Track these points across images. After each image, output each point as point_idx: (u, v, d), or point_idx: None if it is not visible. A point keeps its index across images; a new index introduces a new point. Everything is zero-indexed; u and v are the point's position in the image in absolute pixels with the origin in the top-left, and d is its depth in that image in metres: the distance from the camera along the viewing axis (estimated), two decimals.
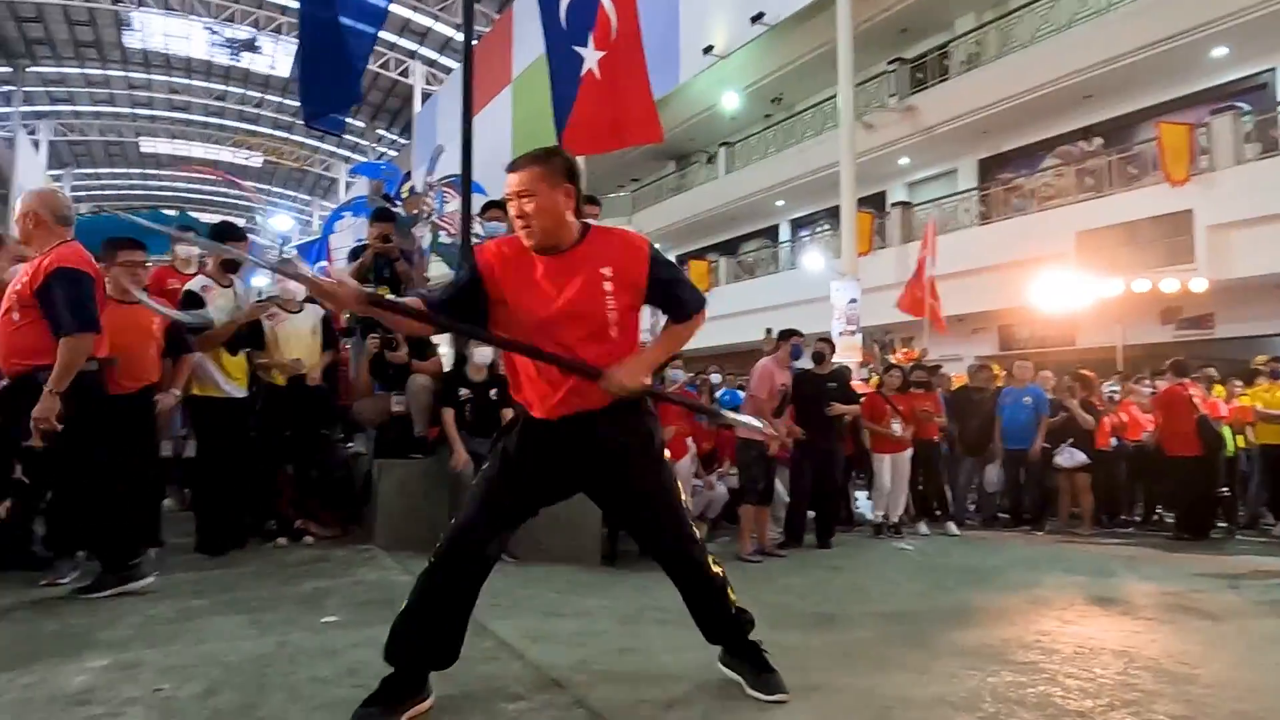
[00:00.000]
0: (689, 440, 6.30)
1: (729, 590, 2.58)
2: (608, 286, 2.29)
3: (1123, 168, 14.00)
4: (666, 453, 2.58)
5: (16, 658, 2.73)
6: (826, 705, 2.52)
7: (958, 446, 8.33)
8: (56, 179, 37.00)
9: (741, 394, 6.76)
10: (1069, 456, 7.99)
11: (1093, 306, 12.64)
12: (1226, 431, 8.24)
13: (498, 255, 2.34)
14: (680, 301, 2.47)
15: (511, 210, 2.30)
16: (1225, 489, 8.23)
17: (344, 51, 5.95)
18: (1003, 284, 14.10)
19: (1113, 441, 8.40)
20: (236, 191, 45.32)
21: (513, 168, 2.31)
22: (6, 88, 30.23)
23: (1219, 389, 8.59)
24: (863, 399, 7.34)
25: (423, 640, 2.31)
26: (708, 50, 19.15)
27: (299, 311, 5.19)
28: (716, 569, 2.55)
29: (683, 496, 2.55)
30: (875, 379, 9.33)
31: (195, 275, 4.97)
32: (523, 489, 2.40)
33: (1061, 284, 12.71)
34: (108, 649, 2.84)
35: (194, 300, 4.54)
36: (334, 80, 5.94)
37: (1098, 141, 15.53)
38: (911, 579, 5.13)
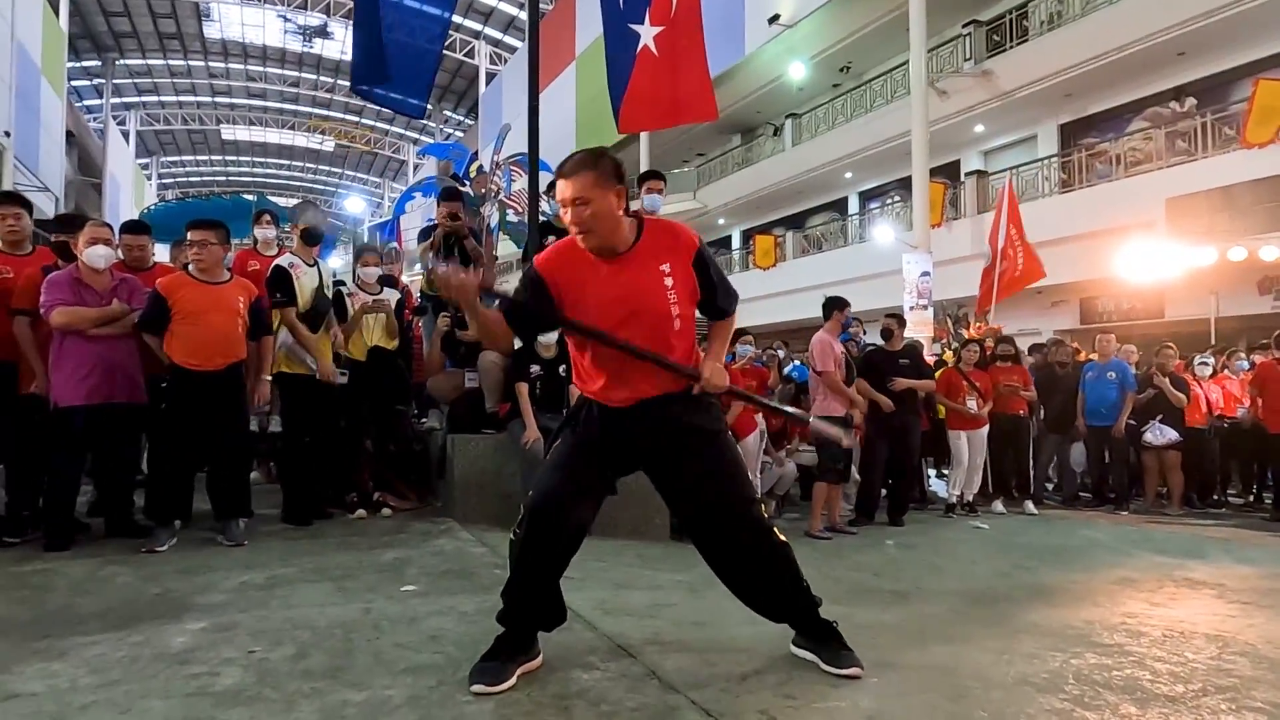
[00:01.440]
0: (758, 417, 6.25)
1: (800, 576, 2.55)
2: (668, 283, 2.35)
3: (1218, 129, 13.20)
4: (730, 432, 2.61)
5: (123, 620, 2.91)
6: (902, 683, 2.49)
7: (1040, 424, 8.06)
8: (144, 167, 38.76)
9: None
10: (1159, 433, 7.66)
11: (1183, 276, 12.02)
12: None
13: (556, 264, 2.39)
14: (721, 302, 2.54)
15: (567, 217, 2.32)
16: None
17: (413, 33, 6.02)
18: (1085, 254, 13.51)
19: (1207, 418, 8.01)
20: (311, 176, 46.66)
21: (563, 174, 2.33)
22: (97, 80, 31.66)
23: None
24: (938, 375, 7.16)
25: (524, 605, 2.45)
26: (774, 20, 18.76)
27: (379, 294, 5.33)
28: (783, 536, 2.54)
29: (749, 474, 2.56)
30: (949, 353, 9.08)
31: (278, 255, 5.14)
32: (593, 465, 2.48)
33: (1150, 253, 12.12)
34: (205, 612, 2.99)
35: (282, 276, 4.69)
36: (407, 60, 6.01)
37: (1190, 102, 14.66)
38: (988, 558, 5.02)
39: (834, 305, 6.14)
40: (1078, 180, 15.49)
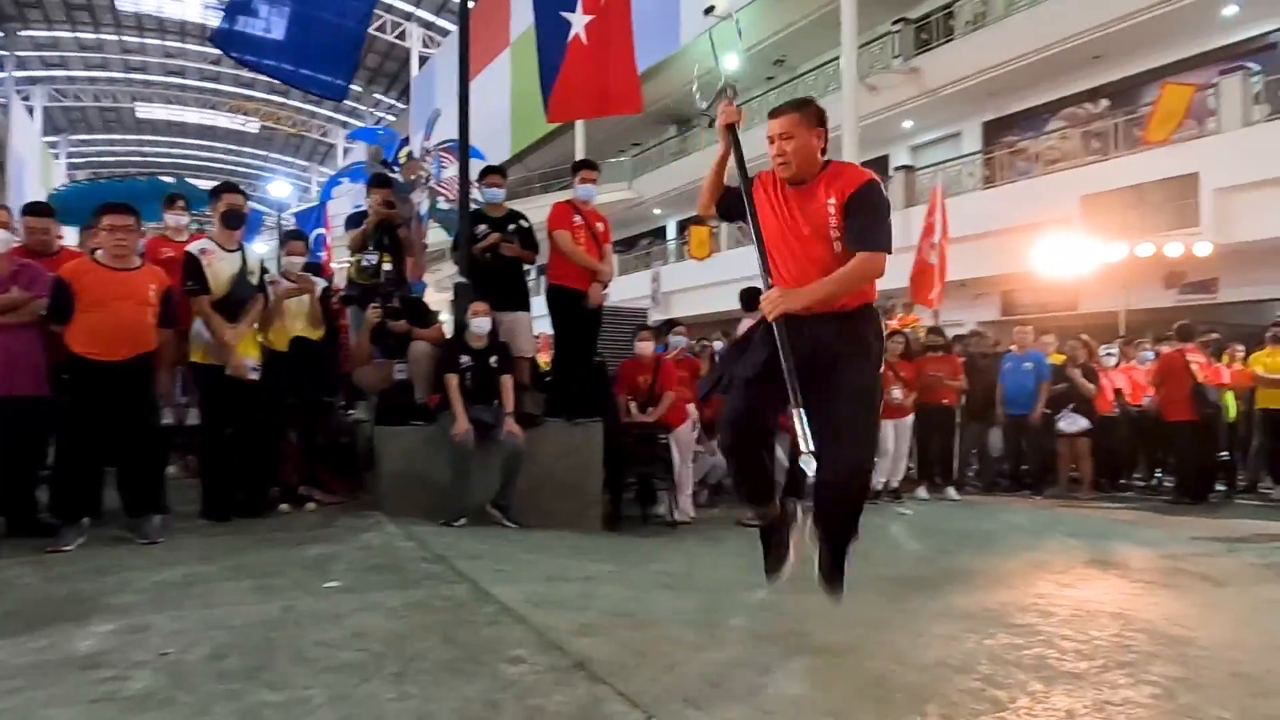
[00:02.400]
0: (690, 407, 6.30)
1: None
2: (831, 213, 2.72)
3: (1129, 130, 13.82)
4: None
5: (27, 623, 2.77)
6: (826, 668, 2.55)
7: (962, 412, 8.34)
8: (52, 145, 36.72)
9: None
10: (1070, 421, 8.02)
11: (1096, 271, 12.56)
12: (1229, 397, 8.23)
13: (765, 181, 2.91)
14: (860, 234, 2.70)
15: (771, 150, 2.76)
16: (1225, 454, 8.26)
17: (343, 12, 5.83)
18: (1006, 249, 14.00)
19: (1114, 407, 8.41)
20: (234, 159, 45.00)
21: (774, 114, 2.81)
22: None
23: (1226, 357, 8.56)
24: None
25: (751, 493, 2.98)
26: (709, 11, 18.84)
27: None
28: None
29: (880, 412, 3.14)
30: None
31: (188, 241, 4.93)
32: (773, 371, 2.72)
33: (1065, 248, 12.63)
34: (116, 614, 2.87)
35: (192, 263, 4.49)
36: (331, 40, 5.82)
37: (1104, 103, 15.33)
38: (912, 543, 5.18)
39: (758, 296, 6.22)
40: (1000, 177, 16.03)
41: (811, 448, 2.60)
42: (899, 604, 3.49)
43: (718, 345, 7.45)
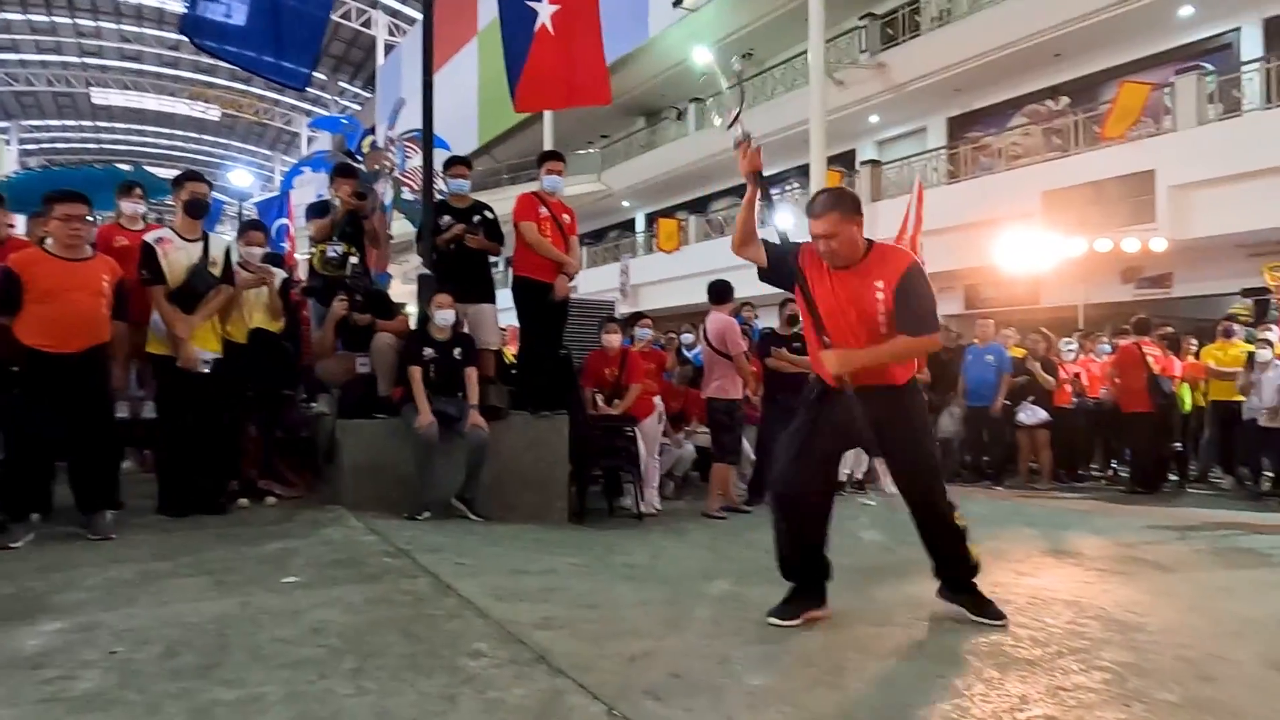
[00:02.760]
0: (656, 399, 6.31)
1: (968, 539, 3.04)
2: (879, 295, 2.86)
3: (1089, 127, 14.07)
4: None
5: None
6: (786, 658, 2.57)
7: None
8: (2, 131, 35.64)
9: None
10: (1030, 414, 8.17)
11: (1057, 266, 12.79)
12: (1184, 389, 8.44)
13: (810, 258, 2.95)
14: (911, 318, 2.88)
15: (820, 248, 2.87)
16: (1178, 444, 8.47)
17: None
18: (969, 243, 14.18)
19: (1073, 399, 8.59)
20: (194, 147, 44.06)
21: (814, 215, 2.86)
22: None
23: (1187, 353, 8.76)
24: None
25: (797, 564, 3.01)
26: (677, 3, 18.82)
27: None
28: (960, 521, 3.03)
29: (936, 457, 3.16)
30: None
31: (144, 231, 4.80)
32: (826, 438, 2.97)
33: (1027, 243, 12.83)
34: (64, 612, 2.80)
35: (147, 253, 4.38)
36: (294, 27, 5.69)
37: (1065, 101, 15.58)
38: (874, 534, 5.23)
39: (728, 289, 6.24)
40: (964, 172, 16.23)
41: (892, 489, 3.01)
42: (860, 594, 3.52)
43: (685, 338, 7.46)
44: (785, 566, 3.02)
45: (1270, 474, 7.94)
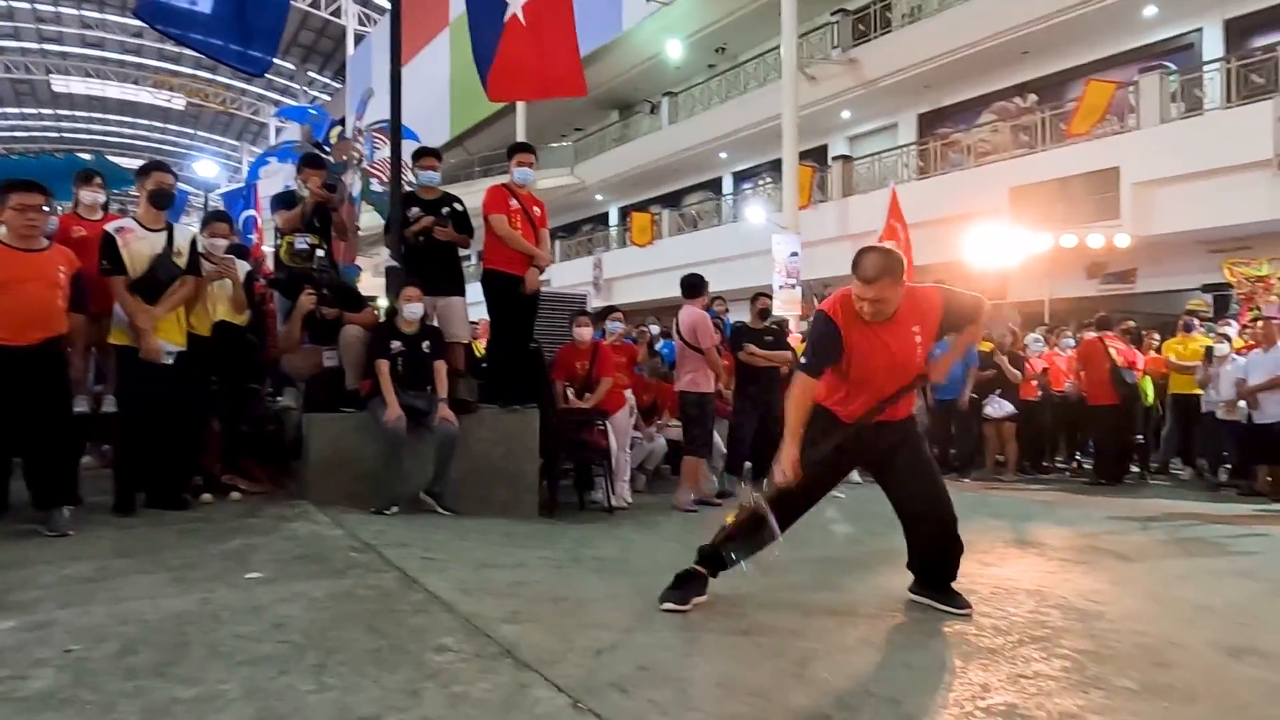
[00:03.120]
0: (627, 393, 6.31)
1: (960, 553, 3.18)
2: (917, 339, 3.03)
3: (1056, 124, 14.26)
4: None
5: None
6: (754, 649, 2.59)
7: None
8: None
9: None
10: (997, 406, 8.28)
11: (1024, 261, 12.96)
12: (1146, 382, 8.60)
13: (844, 317, 3.02)
14: (968, 311, 3.16)
15: (866, 308, 2.95)
16: (1140, 436, 8.63)
17: None
18: (939, 238, 14.32)
19: (1038, 392, 8.72)
20: (159, 136, 43.22)
21: (865, 279, 2.92)
22: None
23: (1150, 345, 8.92)
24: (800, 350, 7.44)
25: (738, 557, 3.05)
26: None
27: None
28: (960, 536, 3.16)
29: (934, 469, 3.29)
30: None
31: (103, 221, 4.69)
32: (838, 469, 3.23)
33: (995, 239, 12.99)
34: (17, 610, 2.73)
35: (107, 243, 4.27)
36: (256, 14, 5.58)
37: (1033, 98, 15.78)
38: (843, 525, 5.27)
39: (701, 283, 6.26)
40: (934, 168, 16.39)
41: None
42: (828, 585, 3.56)
43: (654, 329, 7.46)
44: (725, 554, 3.07)
45: (1228, 465, 8.12)
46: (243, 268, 5.13)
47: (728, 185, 23.07)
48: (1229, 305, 11.32)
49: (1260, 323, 7.96)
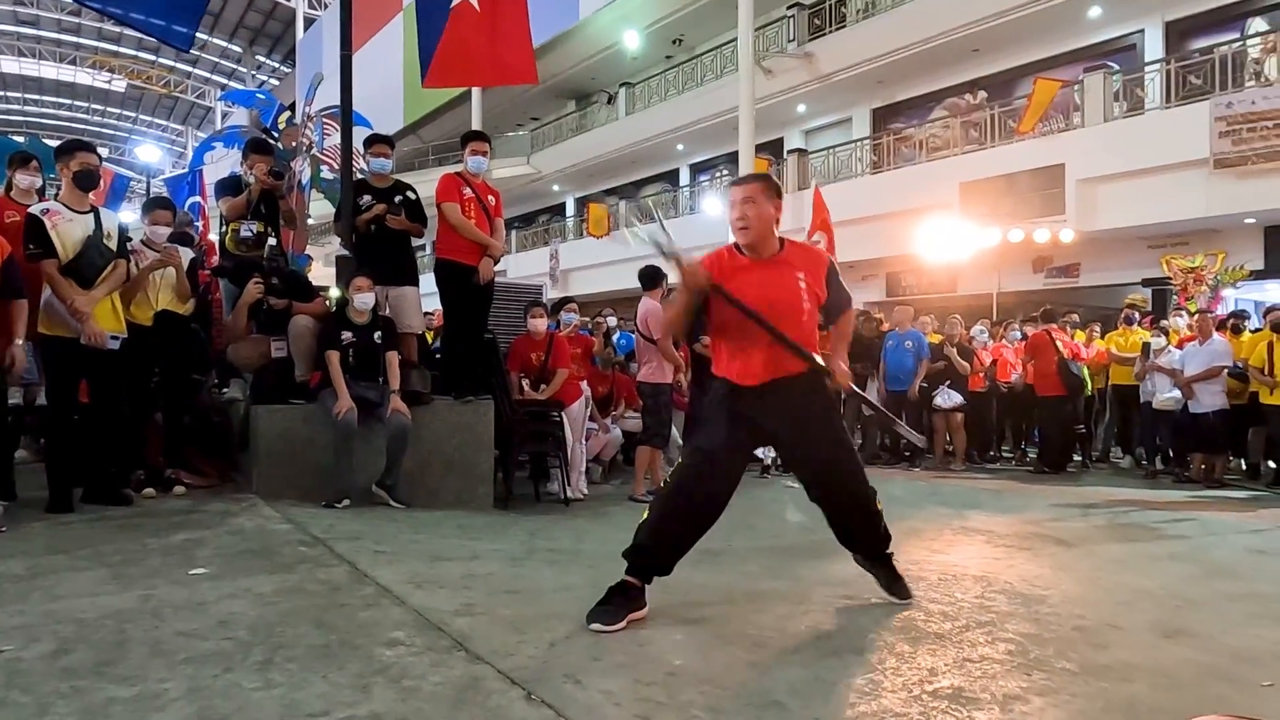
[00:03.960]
0: (583, 384, 6.29)
1: (882, 517, 3.07)
2: (801, 285, 2.89)
3: (1004, 121, 14.57)
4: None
5: None
6: (707, 638, 2.60)
7: None
8: None
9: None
10: (946, 397, 8.45)
11: (973, 255, 13.24)
12: (1085, 372, 8.86)
13: (715, 263, 2.89)
14: (843, 299, 3.08)
15: (734, 214, 2.86)
16: (1081, 426, 8.90)
17: None
18: (891, 232, 14.56)
19: (985, 383, 8.93)
20: (98, 119, 41.73)
21: (737, 184, 2.92)
22: None
23: (1079, 334, 9.19)
24: None
25: (655, 555, 2.82)
26: None
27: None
28: (879, 505, 3.06)
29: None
30: None
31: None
32: (736, 440, 2.89)
33: (945, 233, 13.24)
34: None
35: (34, 225, 4.11)
36: None
37: (982, 95, 16.09)
38: (796, 515, 5.33)
39: (657, 277, 6.26)
40: (887, 163, 16.62)
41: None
42: (780, 573, 3.59)
43: (610, 321, 7.45)
44: (644, 555, 2.79)
45: (1167, 454, 8.41)
46: (186, 255, 4.98)
47: (684, 177, 23.10)
48: (1168, 300, 11.71)
49: (1197, 316, 8.25)
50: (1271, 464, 7.78)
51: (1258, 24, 13.18)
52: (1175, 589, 3.54)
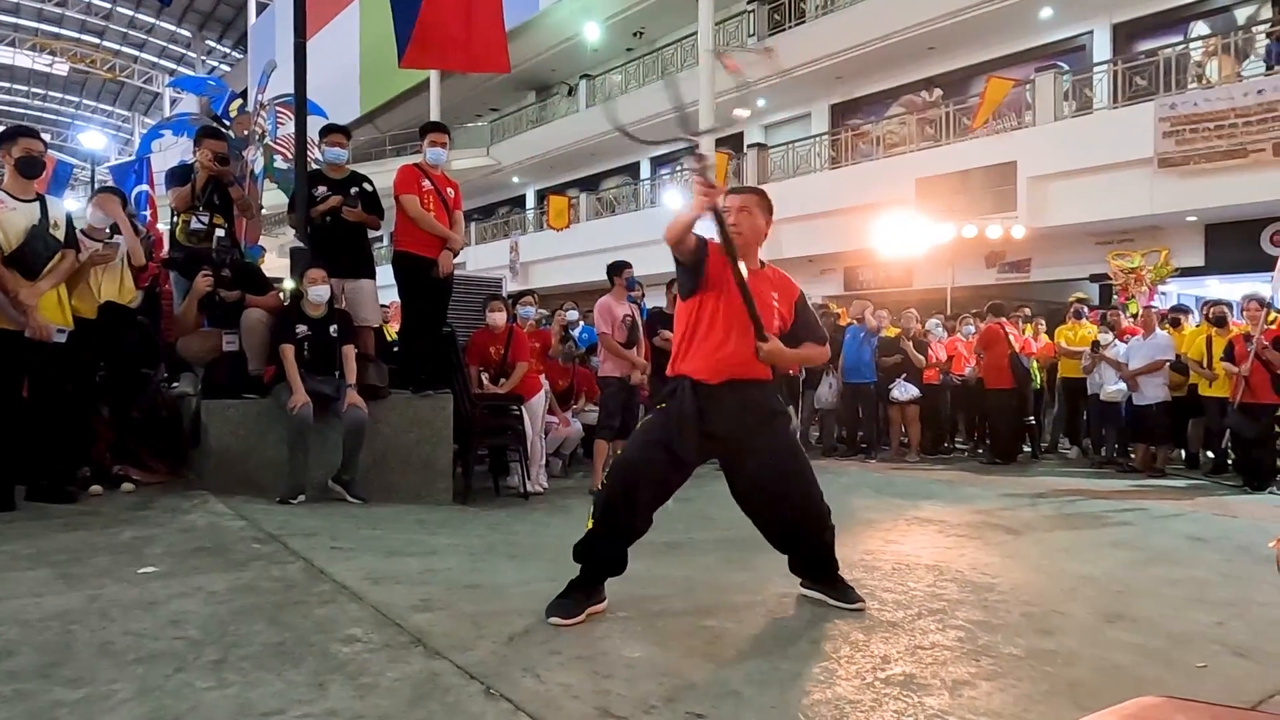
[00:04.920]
0: (542, 377, 6.28)
1: (833, 546, 3.00)
2: (774, 304, 2.96)
3: (959, 119, 14.84)
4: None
5: None
6: (665, 630, 2.62)
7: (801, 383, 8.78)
8: None
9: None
10: (903, 390, 8.60)
11: (928, 250, 13.46)
12: (1034, 366, 9.09)
13: (714, 249, 2.89)
14: (816, 332, 3.09)
15: (731, 218, 2.88)
16: (1031, 418, 9.13)
17: None
18: (849, 227, 14.73)
19: (940, 376, 9.10)
20: (39, 104, 40.31)
21: (738, 190, 3.06)
22: None
23: (1029, 328, 9.42)
24: None
25: (604, 555, 2.77)
26: None
27: (109, 239, 4.71)
28: (831, 533, 3.00)
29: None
30: None
31: None
32: (686, 441, 2.80)
33: (902, 228, 13.45)
34: None
35: None
36: None
37: (938, 93, 16.36)
38: None
39: (614, 270, 6.27)
40: (845, 158, 16.82)
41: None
42: (739, 565, 3.64)
43: (570, 315, 7.43)
44: (590, 548, 2.77)
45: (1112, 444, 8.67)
46: (122, 248, 4.83)
47: (645, 170, 23.09)
48: (1111, 295, 12.05)
49: (1142, 311, 8.51)
50: (1209, 454, 8.06)
51: (1200, 28, 13.60)
52: (1117, 575, 3.66)
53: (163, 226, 7.80)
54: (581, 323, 7.65)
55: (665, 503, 2.84)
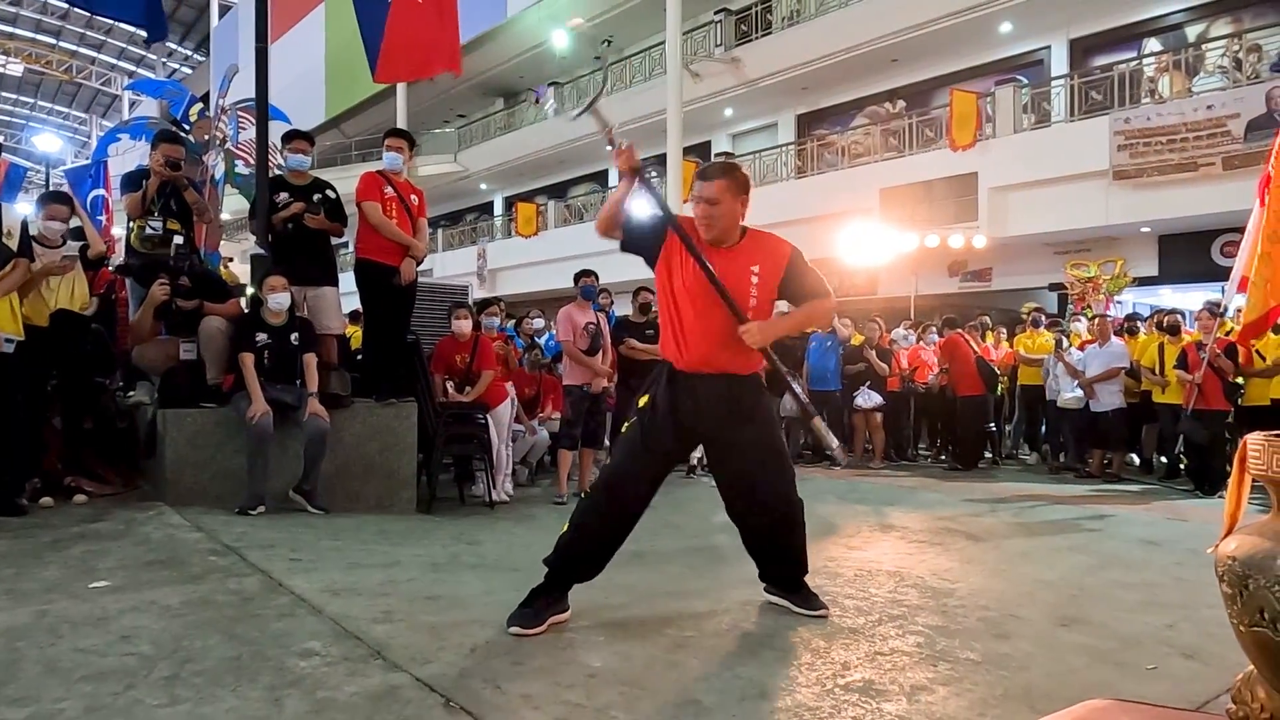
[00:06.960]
0: (508, 386, 6.25)
1: (804, 546, 3.01)
2: (754, 280, 2.80)
3: (921, 130, 15.09)
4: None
5: None
6: (627, 639, 2.62)
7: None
8: None
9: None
10: (866, 398, 8.70)
11: (892, 259, 13.65)
12: (994, 373, 9.24)
13: (688, 227, 2.82)
14: (811, 288, 2.92)
15: (698, 210, 2.78)
16: (992, 425, 9.28)
17: None
18: (815, 236, 14.80)
19: (902, 384, 9.23)
20: None
21: (703, 177, 2.80)
22: None
23: (990, 335, 9.59)
24: None
25: (575, 563, 2.76)
26: None
27: (61, 245, 4.61)
28: (803, 531, 2.99)
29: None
30: None
31: None
32: (668, 434, 2.78)
33: (866, 237, 13.62)
34: None
35: None
36: None
37: (901, 104, 16.63)
38: (719, 514, 5.38)
39: (578, 278, 6.30)
40: (811, 168, 17.00)
41: (835, 444, 3.13)
42: (702, 573, 3.65)
43: (536, 323, 7.41)
44: (565, 562, 2.74)
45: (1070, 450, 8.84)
46: (71, 247, 4.73)
47: (613, 178, 23.12)
48: (1066, 303, 12.33)
49: (1097, 320, 8.70)
50: (1163, 459, 8.26)
51: (1153, 44, 13.99)
52: (1073, 579, 3.73)
53: (119, 231, 7.65)
54: (548, 331, 7.64)
55: (650, 500, 2.83)
